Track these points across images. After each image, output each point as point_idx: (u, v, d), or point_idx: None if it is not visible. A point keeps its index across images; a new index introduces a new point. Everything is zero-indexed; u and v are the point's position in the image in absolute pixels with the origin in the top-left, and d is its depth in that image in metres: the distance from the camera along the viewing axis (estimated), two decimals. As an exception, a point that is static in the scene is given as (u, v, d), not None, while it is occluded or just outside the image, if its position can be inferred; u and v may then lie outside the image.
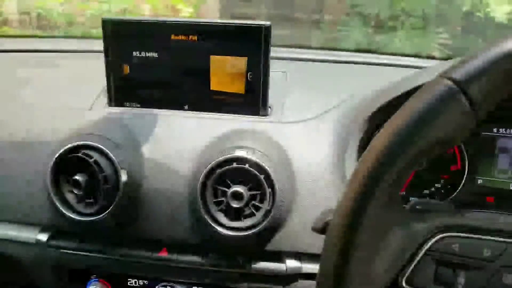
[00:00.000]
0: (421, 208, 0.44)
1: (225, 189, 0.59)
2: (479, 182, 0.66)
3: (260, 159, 0.58)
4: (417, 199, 0.65)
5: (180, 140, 0.65)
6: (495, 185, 0.66)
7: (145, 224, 0.64)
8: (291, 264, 0.62)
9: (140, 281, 0.68)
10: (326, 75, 0.82)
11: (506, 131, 0.65)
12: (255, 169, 0.58)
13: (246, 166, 0.58)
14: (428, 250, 0.37)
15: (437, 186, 0.68)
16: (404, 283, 0.37)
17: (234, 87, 0.67)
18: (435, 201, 0.65)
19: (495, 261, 0.36)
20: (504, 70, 0.31)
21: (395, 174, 0.32)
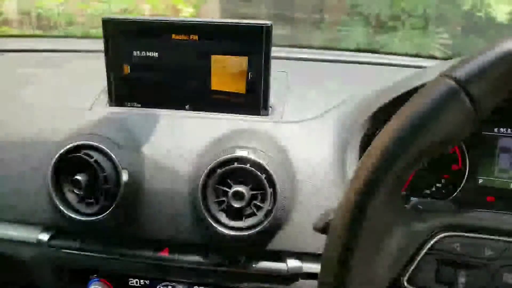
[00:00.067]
0: (422, 208, 0.44)
1: (226, 189, 0.59)
2: (480, 181, 0.66)
3: (261, 159, 0.58)
4: (418, 199, 0.65)
5: (181, 140, 0.65)
6: (496, 185, 0.66)
7: (146, 224, 0.64)
8: (292, 264, 0.62)
9: (141, 281, 0.68)
10: (327, 75, 0.82)
11: (507, 131, 0.65)
12: (256, 169, 0.58)
13: (247, 166, 0.58)
14: (430, 249, 0.37)
15: (438, 185, 0.68)
16: (405, 282, 0.37)
17: (235, 87, 0.67)
18: (436, 200, 0.65)
19: (496, 260, 0.36)
20: (505, 70, 0.31)
21: (397, 173, 0.32)
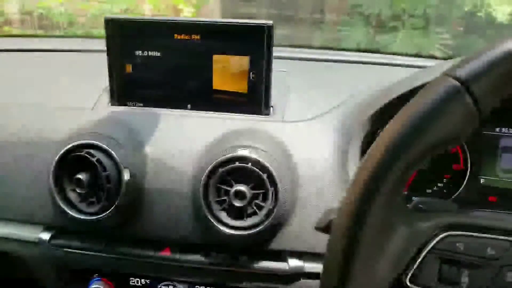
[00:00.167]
0: (424, 207, 0.44)
1: (227, 188, 0.59)
2: (482, 181, 0.66)
3: (262, 158, 0.58)
4: (419, 198, 0.65)
5: (182, 139, 0.65)
6: (498, 184, 0.66)
7: (147, 223, 0.64)
8: (294, 263, 0.62)
9: (142, 280, 0.68)
10: (328, 75, 0.82)
11: (509, 131, 0.65)
12: (257, 168, 0.58)
13: (249, 165, 0.58)
14: (432, 248, 0.37)
15: (439, 185, 0.68)
16: (408, 282, 0.37)
17: (237, 87, 0.68)
18: (438, 200, 0.65)
19: (499, 259, 0.36)
20: (507, 69, 0.31)
21: (399, 172, 0.32)
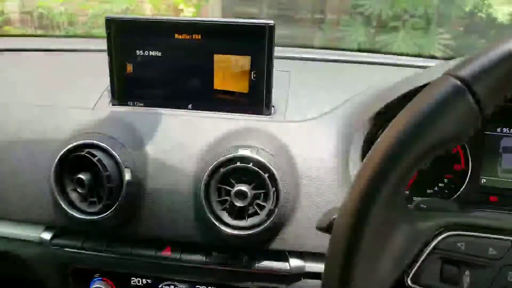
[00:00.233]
0: (425, 207, 0.44)
1: (229, 188, 0.59)
2: (483, 181, 0.66)
3: (264, 158, 0.58)
4: (421, 198, 0.65)
5: (183, 139, 0.65)
6: (498, 184, 0.66)
7: (148, 223, 0.64)
8: (295, 263, 0.62)
9: (143, 280, 0.68)
10: (330, 75, 0.82)
11: (510, 131, 0.65)
12: (259, 168, 0.58)
13: (250, 165, 0.58)
14: (434, 248, 0.37)
15: (440, 185, 0.68)
16: (409, 282, 0.37)
17: (238, 86, 0.67)
18: (439, 199, 0.65)
19: (500, 259, 0.36)
20: (509, 69, 0.31)
21: (401, 172, 0.32)
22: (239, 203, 0.58)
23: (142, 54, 0.68)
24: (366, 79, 0.74)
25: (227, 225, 0.59)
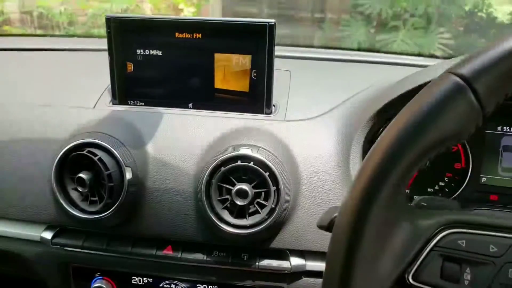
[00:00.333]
0: (426, 205, 0.44)
1: (229, 187, 0.59)
2: (483, 180, 0.66)
3: (264, 157, 0.59)
4: (422, 196, 0.65)
5: (184, 138, 0.65)
6: (499, 183, 0.66)
7: (149, 222, 0.64)
8: (296, 262, 0.62)
9: (144, 279, 0.68)
10: (330, 74, 0.82)
11: (510, 130, 0.65)
12: (259, 167, 0.58)
13: (251, 164, 0.58)
14: (435, 246, 0.37)
15: (441, 184, 0.68)
16: (410, 279, 0.37)
17: (239, 85, 0.68)
18: (440, 197, 0.65)
19: (501, 256, 0.36)
20: (510, 67, 0.31)
21: (402, 170, 0.32)
22: (240, 202, 0.58)
23: (142, 53, 0.68)
24: (367, 78, 0.75)
25: (228, 224, 0.59)
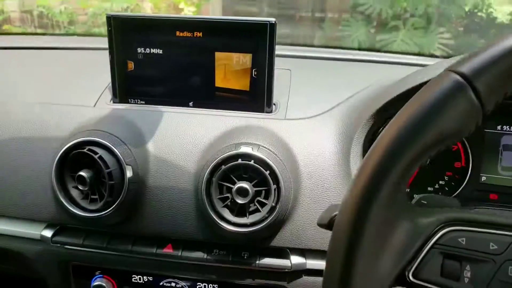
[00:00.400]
0: (426, 203, 0.44)
1: (230, 185, 0.59)
2: (483, 179, 0.66)
3: (265, 156, 0.59)
4: (422, 194, 0.65)
5: (184, 137, 0.65)
6: (499, 182, 0.66)
7: (149, 221, 0.64)
8: (296, 260, 0.62)
9: (144, 277, 0.68)
10: (330, 73, 0.82)
11: (510, 129, 0.65)
12: (260, 165, 0.58)
13: (251, 163, 0.58)
14: (435, 243, 0.37)
15: (441, 183, 0.68)
16: (411, 277, 0.37)
17: (239, 84, 0.68)
18: (440, 195, 0.65)
19: (501, 254, 0.36)
20: (510, 65, 0.31)
21: (402, 169, 0.32)
22: (240, 200, 0.58)
23: (143, 52, 0.68)
24: (367, 77, 0.75)
25: (228, 222, 0.59)
